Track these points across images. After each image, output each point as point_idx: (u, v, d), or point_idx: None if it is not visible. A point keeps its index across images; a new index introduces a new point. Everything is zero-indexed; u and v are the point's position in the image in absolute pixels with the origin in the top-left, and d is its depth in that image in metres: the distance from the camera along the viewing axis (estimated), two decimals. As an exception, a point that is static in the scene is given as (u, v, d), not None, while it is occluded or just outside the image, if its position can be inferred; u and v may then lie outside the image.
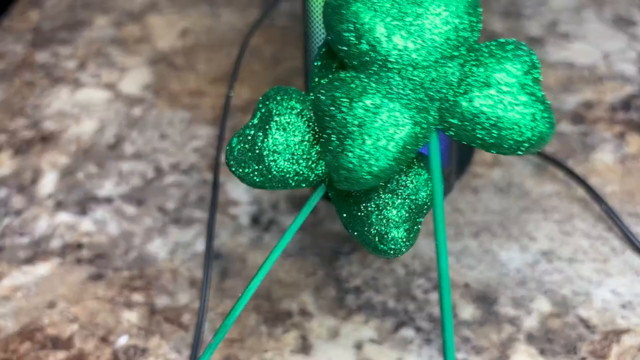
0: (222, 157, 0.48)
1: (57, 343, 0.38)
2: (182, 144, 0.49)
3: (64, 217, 0.45)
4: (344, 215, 0.31)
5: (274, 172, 0.30)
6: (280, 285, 0.41)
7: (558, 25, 0.58)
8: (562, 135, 0.48)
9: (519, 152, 0.29)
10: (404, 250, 0.30)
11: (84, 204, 0.46)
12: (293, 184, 0.31)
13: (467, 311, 0.39)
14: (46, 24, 0.61)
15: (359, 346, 0.38)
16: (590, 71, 0.53)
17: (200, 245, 0.43)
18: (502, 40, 0.29)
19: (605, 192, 0.44)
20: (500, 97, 0.28)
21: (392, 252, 0.30)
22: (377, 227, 0.30)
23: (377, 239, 0.30)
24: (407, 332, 0.38)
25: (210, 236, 0.42)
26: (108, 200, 0.46)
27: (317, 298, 0.40)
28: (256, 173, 0.30)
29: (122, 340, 0.38)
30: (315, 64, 0.31)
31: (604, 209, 0.43)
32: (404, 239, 0.30)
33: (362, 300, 0.40)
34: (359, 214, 0.30)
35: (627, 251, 0.41)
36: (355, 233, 0.31)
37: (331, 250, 0.42)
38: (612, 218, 0.42)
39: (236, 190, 0.46)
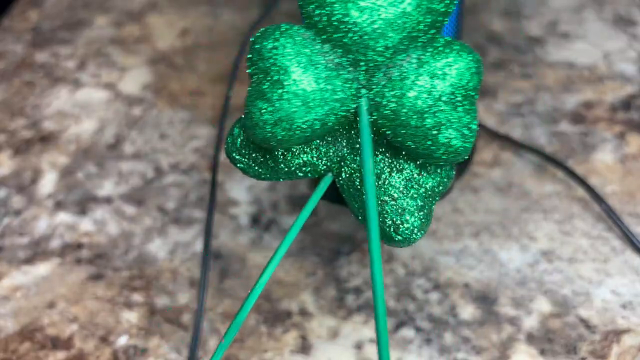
0: (221, 157, 0.48)
1: (57, 343, 0.38)
2: (182, 144, 0.49)
3: (64, 217, 0.45)
4: (356, 205, 0.30)
5: (281, 164, 0.29)
6: (280, 285, 0.41)
7: (558, 25, 0.57)
8: (562, 135, 0.48)
9: (435, 158, 0.28)
10: (418, 238, 0.29)
11: (83, 204, 0.45)
12: (301, 174, 0.29)
13: (467, 311, 0.39)
14: (46, 24, 0.61)
15: (359, 346, 0.38)
16: (590, 71, 0.53)
17: (200, 245, 0.43)
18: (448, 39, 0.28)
19: (605, 192, 0.44)
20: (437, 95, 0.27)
21: (406, 242, 0.29)
22: (392, 217, 0.29)
23: (391, 230, 0.29)
24: (407, 332, 0.38)
25: (208, 236, 0.42)
26: (108, 200, 0.46)
27: (317, 298, 0.40)
28: (263, 164, 0.29)
29: (122, 340, 0.38)
30: None
31: (604, 209, 0.43)
32: (419, 228, 0.29)
33: (362, 300, 0.40)
34: None
35: (627, 251, 0.41)
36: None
37: (331, 250, 0.42)
38: (612, 218, 0.42)
39: (236, 190, 0.46)
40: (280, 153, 0.29)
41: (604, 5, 0.59)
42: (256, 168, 0.29)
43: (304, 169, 0.29)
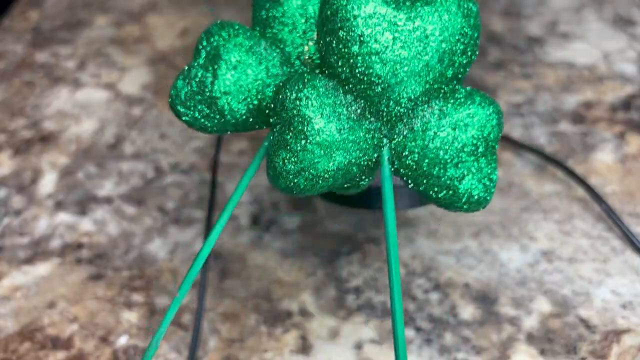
0: (221, 157, 0.48)
1: (57, 343, 0.38)
2: (182, 144, 0.49)
3: (64, 217, 0.45)
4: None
5: (228, 116, 0.29)
6: (280, 285, 0.41)
7: (558, 25, 0.57)
8: (562, 135, 0.48)
9: (456, 207, 0.28)
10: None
11: (83, 204, 0.45)
12: (249, 126, 0.29)
13: (467, 311, 0.39)
14: (46, 24, 0.61)
15: (359, 346, 0.38)
16: (590, 71, 0.53)
17: (200, 245, 0.43)
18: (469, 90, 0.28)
19: (605, 192, 0.44)
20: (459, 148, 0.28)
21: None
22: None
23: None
24: (407, 332, 0.38)
25: (207, 236, 0.42)
26: (108, 200, 0.46)
27: (317, 298, 0.40)
28: (209, 117, 0.29)
29: (122, 340, 0.38)
30: None
31: (604, 209, 0.43)
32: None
33: (362, 300, 0.40)
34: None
35: (627, 251, 0.41)
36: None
37: (331, 250, 0.42)
38: (612, 218, 0.42)
39: (236, 190, 0.46)
40: (225, 103, 0.29)
41: (604, 5, 0.59)
42: (202, 121, 0.29)
43: (251, 119, 0.29)
